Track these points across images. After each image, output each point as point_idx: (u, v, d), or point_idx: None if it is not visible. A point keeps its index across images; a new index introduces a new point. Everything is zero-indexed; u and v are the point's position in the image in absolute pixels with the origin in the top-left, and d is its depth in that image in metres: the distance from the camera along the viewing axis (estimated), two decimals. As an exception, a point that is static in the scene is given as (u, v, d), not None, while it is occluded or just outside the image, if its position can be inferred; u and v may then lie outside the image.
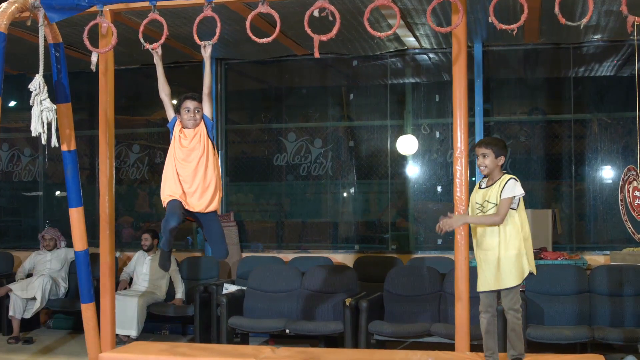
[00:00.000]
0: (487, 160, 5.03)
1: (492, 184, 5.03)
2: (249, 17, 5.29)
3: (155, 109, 10.46)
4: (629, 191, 6.48)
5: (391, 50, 8.85)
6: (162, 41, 5.37)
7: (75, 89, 6.23)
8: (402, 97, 9.35)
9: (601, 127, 8.76)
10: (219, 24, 5.22)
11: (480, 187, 5.16)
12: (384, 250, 9.03)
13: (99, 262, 6.24)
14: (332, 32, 5.05)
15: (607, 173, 8.71)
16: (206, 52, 5.34)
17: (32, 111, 5.43)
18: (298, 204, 9.71)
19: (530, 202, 8.70)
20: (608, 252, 7.98)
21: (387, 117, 9.22)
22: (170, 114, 5.43)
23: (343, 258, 8.80)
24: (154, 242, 8.42)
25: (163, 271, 8.35)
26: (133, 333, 7.79)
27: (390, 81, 9.27)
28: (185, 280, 8.38)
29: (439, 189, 9.04)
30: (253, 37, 5.20)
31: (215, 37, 5.22)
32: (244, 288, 7.91)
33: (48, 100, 5.45)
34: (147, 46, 5.39)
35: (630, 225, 6.59)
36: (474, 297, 5.41)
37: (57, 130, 5.56)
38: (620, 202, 6.63)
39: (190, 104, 5.31)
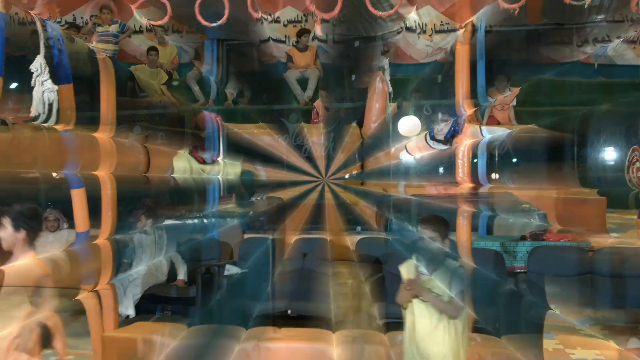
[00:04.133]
0: None
1: None
2: (251, -3, 5.26)
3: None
4: (633, 172, 6.47)
5: (393, 30, 8.79)
6: (165, 20, 5.34)
7: (76, 70, 6.20)
8: (405, 78, 9.30)
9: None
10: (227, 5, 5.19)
11: None
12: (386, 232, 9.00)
13: (101, 243, 6.25)
14: (335, 11, 5.02)
15: (609, 154, 8.66)
16: None
17: (34, 92, 5.41)
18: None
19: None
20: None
21: (389, 98, 9.17)
22: None
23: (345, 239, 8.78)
24: (150, 221, 8.38)
25: (162, 251, 8.34)
26: (131, 312, 7.79)
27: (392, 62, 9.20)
28: (186, 261, 8.38)
29: (440, 170, 9.01)
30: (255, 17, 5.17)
31: (224, 19, 5.19)
32: (246, 270, 7.91)
33: (49, 81, 5.43)
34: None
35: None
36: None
37: (58, 111, 5.55)
38: (628, 183, 6.61)
39: None
